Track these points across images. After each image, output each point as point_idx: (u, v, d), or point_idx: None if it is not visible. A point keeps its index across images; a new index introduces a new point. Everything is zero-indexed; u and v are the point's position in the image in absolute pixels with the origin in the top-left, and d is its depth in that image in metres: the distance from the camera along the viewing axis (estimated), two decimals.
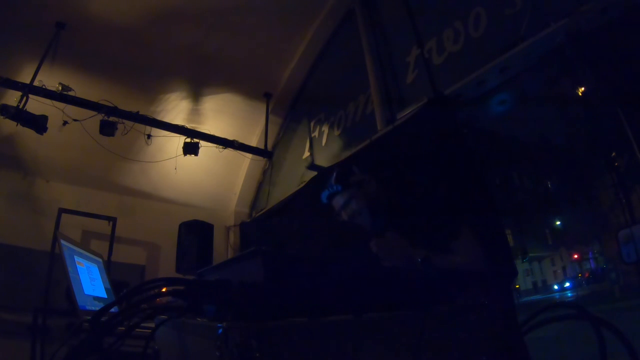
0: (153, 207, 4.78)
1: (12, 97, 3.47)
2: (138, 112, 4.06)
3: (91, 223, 4.20)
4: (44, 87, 3.57)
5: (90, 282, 1.90)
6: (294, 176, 4.53)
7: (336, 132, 4.01)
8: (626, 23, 2.00)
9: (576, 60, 2.31)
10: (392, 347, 0.68)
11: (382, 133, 2.96)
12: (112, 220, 4.27)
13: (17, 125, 3.34)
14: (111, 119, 3.86)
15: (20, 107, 3.34)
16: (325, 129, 4.20)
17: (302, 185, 4.18)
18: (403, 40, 3.31)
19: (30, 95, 3.44)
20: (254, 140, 5.09)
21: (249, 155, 5.02)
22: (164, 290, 0.69)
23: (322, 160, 4.10)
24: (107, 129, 3.82)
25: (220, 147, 4.61)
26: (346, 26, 4.15)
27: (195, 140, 4.37)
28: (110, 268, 3.57)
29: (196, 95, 4.67)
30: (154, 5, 3.80)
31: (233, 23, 4.13)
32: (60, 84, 3.65)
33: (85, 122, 3.80)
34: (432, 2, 3.17)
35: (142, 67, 4.19)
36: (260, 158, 5.07)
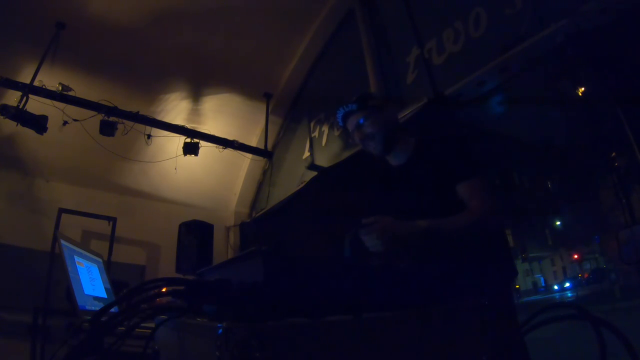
0: (153, 207, 4.78)
1: (12, 97, 3.47)
2: (138, 112, 4.06)
3: (91, 223, 4.20)
4: (44, 87, 3.57)
5: (90, 282, 1.90)
6: (294, 176, 4.53)
7: (336, 132, 4.00)
8: (626, 23, 2.00)
9: (576, 60, 2.32)
10: (392, 347, 0.68)
11: None
12: (112, 220, 4.27)
13: (17, 125, 3.35)
14: (111, 119, 3.86)
15: (21, 107, 3.34)
16: (325, 129, 4.20)
17: (302, 185, 4.18)
18: (403, 41, 3.30)
19: (30, 95, 3.44)
20: (254, 140, 5.10)
21: (249, 155, 5.02)
22: (164, 290, 0.69)
23: (322, 160, 4.09)
24: (107, 129, 3.83)
25: (220, 147, 4.61)
26: (346, 26, 4.15)
27: (195, 140, 4.38)
28: (110, 268, 3.57)
29: (196, 95, 4.67)
30: (154, 6, 3.80)
31: (233, 23, 4.13)
32: (60, 84, 3.65)
33: (85, 122, 3.81)
34: (432, 2, 3.17)
35: (142, 67, 4.19)
36: (260, 158, 5.07)
